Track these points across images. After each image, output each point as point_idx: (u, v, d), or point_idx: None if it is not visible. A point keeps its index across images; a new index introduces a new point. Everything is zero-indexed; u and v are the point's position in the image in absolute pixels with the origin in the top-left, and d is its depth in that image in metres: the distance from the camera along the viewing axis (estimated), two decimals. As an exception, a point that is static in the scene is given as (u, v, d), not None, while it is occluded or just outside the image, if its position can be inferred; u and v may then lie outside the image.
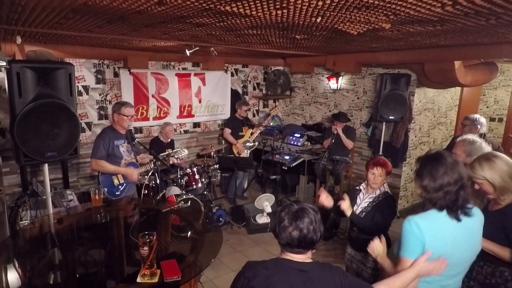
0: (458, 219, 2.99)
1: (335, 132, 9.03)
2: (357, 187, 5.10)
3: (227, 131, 10.13)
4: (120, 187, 6.28)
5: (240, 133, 10.21)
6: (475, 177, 3.61)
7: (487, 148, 4.61)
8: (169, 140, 9.18)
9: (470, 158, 4.54)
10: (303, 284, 2.58)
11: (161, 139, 9.15)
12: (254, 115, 12.85)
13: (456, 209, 2.99)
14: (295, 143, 10.90)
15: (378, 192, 4.86)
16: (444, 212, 3.01)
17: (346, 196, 4.80)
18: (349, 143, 9.11)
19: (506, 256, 3.52)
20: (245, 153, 10.11)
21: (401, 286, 2.93)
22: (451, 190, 2.96)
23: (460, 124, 7.10)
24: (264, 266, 2.66)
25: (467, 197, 3.04)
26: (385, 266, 3.38)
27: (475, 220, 3.13)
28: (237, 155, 9.97)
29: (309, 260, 2.71)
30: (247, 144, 10.19)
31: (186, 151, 7.52)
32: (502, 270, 3.63)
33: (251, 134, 10.29)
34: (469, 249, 3.11)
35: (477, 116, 6.82)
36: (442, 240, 2.96)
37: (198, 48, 7.54)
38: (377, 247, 3.45)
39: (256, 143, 10.52)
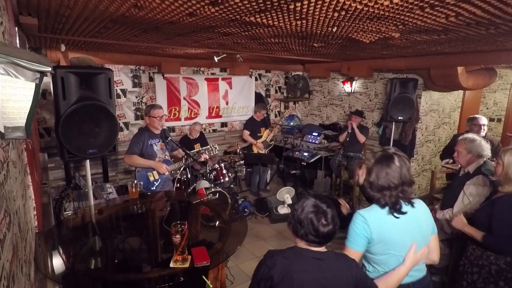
0: (396, 217, 3.00)
1: (349, 131, 9.03)
2: None
3: (246, 132, 10.14)
4: (155, 182, 6.28)
5: (259, 134, 10.20)
6: (499, 157, 3.80)
7: (486, 145, 4.71)
8: (197, 136, 9.22)
9: (471, 155, 4.67)
10: (319, 271, 2.58)
11: (188, 136, 9.23)
12: (276, 116, 12.84)
13: (393, 209, 3.01)
14: (313, 141, 10.88)
15: None
16: (386, 208, 3.03)
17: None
18: (361, 137, 9.11)
19: (478, 237, 3.85)
20: (264, 152, 10.10)
21: (396, 281, 2.97)
22: (390, 194, 2.98)
23: (472, 124, 7.05)
24: (283, 256, 2.66)
25: (408, 199, 3.06)
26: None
27: (418, 209, 3.13)
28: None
29: (324, 250, 2.72)
30: (265, 144, 10.18)
31: (217, 147, 7.51)
32: (488, 254, 3.89)
33: (268, 135, 10.27)
34: (417, 235, 3.09)
35: (481, 116, 6.85)
36: (386, 229, 2.98)
37: (225, 55, 7.54)
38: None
39: (273, 143, 10.51)
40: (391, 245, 3.00)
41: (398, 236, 2.99)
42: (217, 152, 7.47)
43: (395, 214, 2.99)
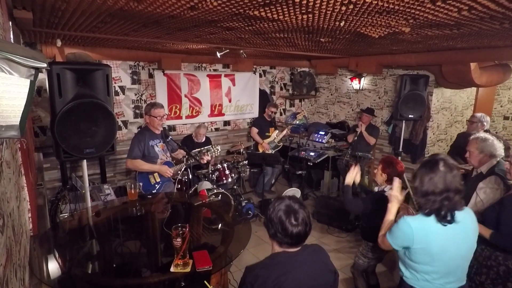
0: (444, 225, 3.04)
1: (358, 130, 9.02)
2: None
3: (254, 130, 10.14)
4: (156, 185, 6.29)
5: (267, 133, 10.19)
6: (510, 156, 3.97)
7: (499, 145, 4.68)
8: (202, 140, 9.19)
9: (483, 155, 4.68)
10: (299, 267, 2.75)
11: (193, 138, 9.19)
12: (281, 114, 12.82)
13: (440, 216, 3.05)
14: (320, 140, 10.87)
15: (377, 189, 5.08)
16: (432, 216, 3.07)
17: (357, 168, 5.09)
18: (371, 139, 9.09)
19: (487, 235, 3.94)
20: (270, 152, 10.07)
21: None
22: (434, 199, 3.03)
23: (467, 121, 7.16)
24: (261, 267, 2.80)
25: (454, 207, 3.05)
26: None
27: (468, 220, 3.18)
28: (261, 154, 9.90)
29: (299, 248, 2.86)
30: (273, 144, 10.18)
31: (219, 148, 7.51)
32: (497, 254, 4.02)
33: (276, 135, 10.25)
34: (464, 247, 3.16)
35: (483, 114, 7.01)
36: (432, 240, 3.03)
37: (228, 50, 7.55)
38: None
39: (281, 144, 10.49)
40: (436, 256, 3.06)
41: (444, 248, 3.05)
42: (218, 153, 7.47)
43: (442, 222, 3.03)
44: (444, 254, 3.05)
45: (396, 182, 3.90)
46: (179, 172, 6.64)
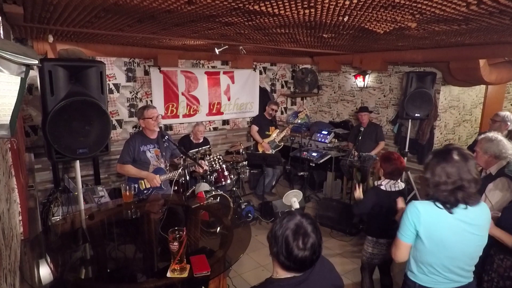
0: (450, 212, 3.04)
1: (362, 129, 9.02)
2: None
3: (254, 128, 10.15)
4: (145, 191, 6.26)
5: (267, 132, 10.19)
6: None
7: (508, 145, 4.60)
8: (200, 141, 9.18)
9: (488, 156, 4.62)
10: None
11: (191, 138, 9.18)
12: (282, 113, 12.81)
13: (448, 205, 3.06)
14: (323, 140, 10.84)
15: (376, 183, 5.34)
16: (440, 205, 3.09)
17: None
18: (379, 146, 9.27)
19: (510, 242, 3.75)
20: (271, 152, 10.07)
21: None
22: (445, 189, 3.02)
23: (490, 119, 7.08)
24: None
25: (468, 198, 3.03)
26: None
27: (480, 215, 3.15)
28: (261, 154, 9.92)
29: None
30: (273, 144, 10.17)
31: (222, 158, 7.38)
32: None
33: (277, 135, 10.23)
34: (471, 244, 3.15)
35: (508, 113, 6.83)
36: (439, 226, 3.06)
37: (227, 46, 7.53)
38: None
39: (282, 144, 10.47)
40: (441, 246, 3.07)
41: (449, 238, 3.05)
42: (222, 164, 7.40)
43: (448, 208, 3.04)
44: (449, 246, 3.06)
45: (399, 200, 3.97)
46: (174, 176, 6.59)
